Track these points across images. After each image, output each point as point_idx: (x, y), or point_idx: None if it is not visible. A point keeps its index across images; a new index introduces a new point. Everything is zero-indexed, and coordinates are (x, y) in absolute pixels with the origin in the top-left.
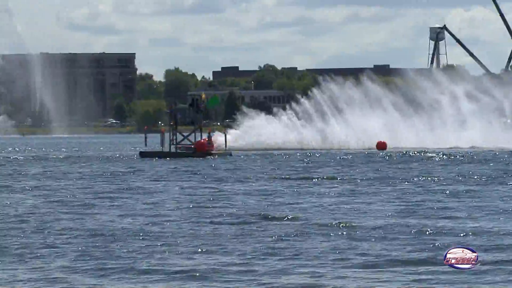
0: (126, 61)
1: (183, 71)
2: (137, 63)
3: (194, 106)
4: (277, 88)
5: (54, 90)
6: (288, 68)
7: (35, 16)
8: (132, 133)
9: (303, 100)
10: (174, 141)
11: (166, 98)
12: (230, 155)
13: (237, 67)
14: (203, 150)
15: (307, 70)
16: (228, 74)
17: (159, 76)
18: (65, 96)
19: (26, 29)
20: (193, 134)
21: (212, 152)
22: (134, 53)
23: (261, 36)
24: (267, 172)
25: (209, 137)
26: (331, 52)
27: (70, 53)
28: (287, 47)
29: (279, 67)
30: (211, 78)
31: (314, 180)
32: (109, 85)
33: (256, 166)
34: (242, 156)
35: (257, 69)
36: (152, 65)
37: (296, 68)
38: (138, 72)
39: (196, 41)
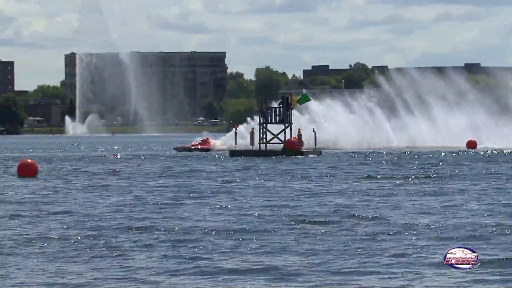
0: (217, 59)
1: (274, 69)
2: (227, 61)
3: (285, 105)
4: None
5: (145, 89)
6: (378, 66)
7: (127, 15)
8: (222, 132)
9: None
10: (264, 139)
11: (257, 96)
12: (320, 153)
13: (328, 66)
14: (293, 148)
15: (397, 68)
16: (318, 72)
17: (249, 75)
18: (156, 95)
19: (118, 28)
20: (283, 132)
21: (302, 150)
22: (225, 52)
23: (351, 35)
24: (357, 170)
25: (299, 135)
26: (421, 50)
27: (161, 52)
28: (377, 46)
29: (369, 66)
30: (302, 77)
31: (405, 179)
32: (199, 84)
33: (345, 165)
34: (332, 155)
35: (348, 67)
36: (242, 64)
37: (387, 66)
38: (228, 71)
39: (287, 39)
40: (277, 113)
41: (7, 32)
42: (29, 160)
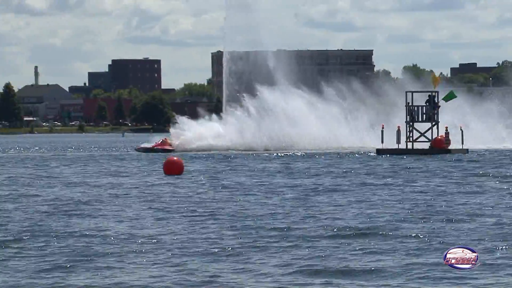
0: (364, 57)
1: (421, 67)
2: (375, 59)
3: (431, 103)
4: None
5: (293, 87)
6: None
7: (274, 13)
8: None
9: None
10: (411, 138)
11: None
12: (467, 152)
13: (475, 64)
14: (440, 147)
15: None
16: (465, 70)
17: (397, 73)
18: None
19: (265, 26)
20: (429, 131)
21: (449, 148)
22: (372, 50)
23: (500, 32)
24: (504, 170)
25: (447, 133)
26: None
27: (308, 50)
28: None
29: None
30: (449, 75)
31: None
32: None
33: (492, 164)
34: (479, 154)
35: (495, 65)
36: (390, 62)
37: None
38: (376, 69)
39: (435, 37)
40: (424, 111)
41: (154, 31)
42: (175, 158)
